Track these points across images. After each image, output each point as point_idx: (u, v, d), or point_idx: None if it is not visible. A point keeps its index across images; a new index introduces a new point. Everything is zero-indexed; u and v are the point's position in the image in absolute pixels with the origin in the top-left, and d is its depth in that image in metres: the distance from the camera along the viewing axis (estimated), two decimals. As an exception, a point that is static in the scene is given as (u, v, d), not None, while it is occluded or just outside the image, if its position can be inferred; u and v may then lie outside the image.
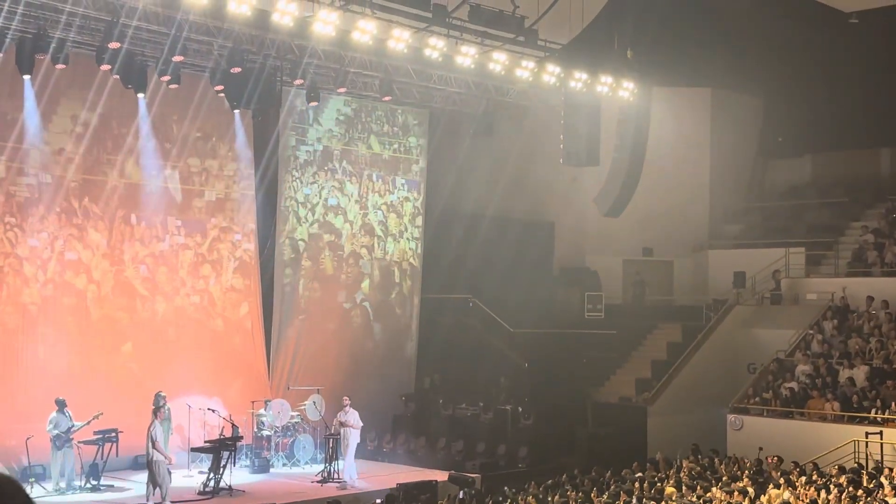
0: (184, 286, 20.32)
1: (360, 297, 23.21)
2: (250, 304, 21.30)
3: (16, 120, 17.88)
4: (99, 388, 18.55)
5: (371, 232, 23.27)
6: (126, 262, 19.46)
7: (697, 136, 27.30)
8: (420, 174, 24.05)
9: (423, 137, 24.26)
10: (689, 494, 15.33)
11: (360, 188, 22.98)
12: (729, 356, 23.50)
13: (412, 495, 16.57)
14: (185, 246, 20.38)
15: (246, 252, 21.28)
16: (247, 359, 21.13)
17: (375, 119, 23.18)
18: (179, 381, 19.54)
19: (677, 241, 27.07)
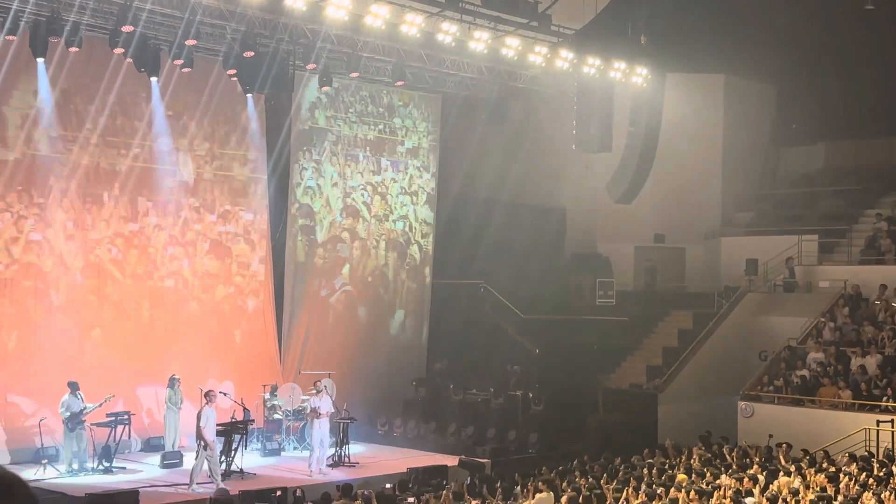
0: (196, 269, 20.37)
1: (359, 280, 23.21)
2: (262, 288, 21.36)
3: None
4: (116, 371, 18.66)
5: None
6: (140, 244, 19.52)
7: (710, 122, 27.18)
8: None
9: (436, 123, 24.23)
10: (699, 481, 15.33)
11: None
12: (740, 344, 23.45)
13: (423, 480, 16.64)
14: (198, 230, 20.41)
15: (258, 236, 21.31)
16: (259, 343, 21.20)
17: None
18: (192, 365, 19.62)
19: (689, 228, 27.00)
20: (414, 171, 23.99)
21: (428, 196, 24.25)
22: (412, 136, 23.91)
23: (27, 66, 17.52)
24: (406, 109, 23.76)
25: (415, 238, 24.11)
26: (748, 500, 13.76)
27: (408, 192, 23.91)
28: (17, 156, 17.81)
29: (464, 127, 23.93)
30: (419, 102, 23.93)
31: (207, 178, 20.53)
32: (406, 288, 23.92)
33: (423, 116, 24.07)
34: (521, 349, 23.33)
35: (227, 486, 15.87)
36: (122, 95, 18.85)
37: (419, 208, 24.19)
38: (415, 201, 24.09)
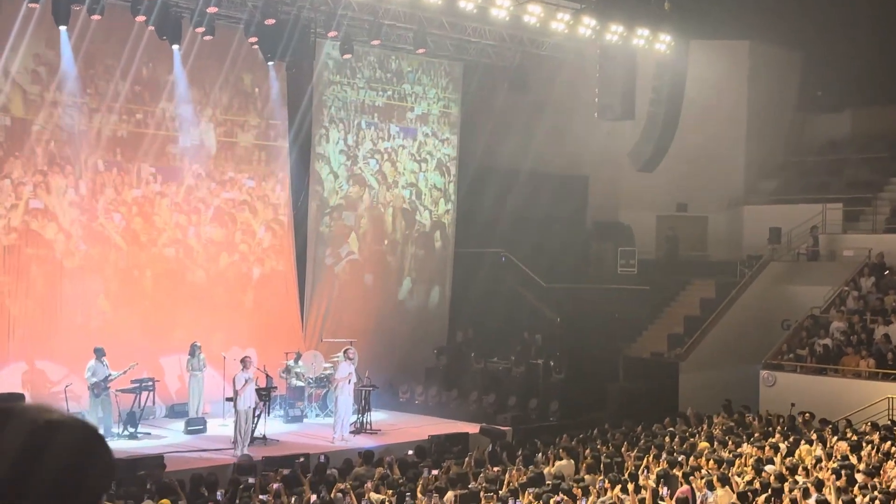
0: (214, 237, 20.45)
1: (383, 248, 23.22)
2: (284, 256, 21.43)
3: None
4: (138, 337, 18.84)
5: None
6: (161, 211, 19.63)
7: (735, 89, 26.90)
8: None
9: (455, 90, 24.10)
10: (721, 449, 15.35)
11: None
12: (763, 312, 23.36)
13: (444, 447, 16.73)
14: (221, 199, 20.47)
15: (280, 204, 21.35)
16: (281, 311, 21.31)
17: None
18: (215, 332, 19.77)
19: (712, 196, 26.82)
20: (423, 137, 23.75)
21: (438, 162, 24.04)
22: (422, 102, 23.62)
23: (49, 34, 17.55)
24: (415, 75, 23.44)
25: (424, 205, 23.91)
26: (769, 468, 13.77)
27: (417, 159, 23.73)
28: (40, 124, 17.86)
29: (485, 95, 23.80)
30: (428, 68, 23.57)
31: (229, 146, 20.55)
32: (413, 255, 23.77)
33: (433, 83, 23.73)
34: (542, 318, 23.34)
35: (250, 452, 16.04)
36: (143, 64, 18.86)
37: (429, 175, 23.96)
38: (424, 168, 23.90)
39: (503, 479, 13.35)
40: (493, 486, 12.86)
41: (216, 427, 18.04)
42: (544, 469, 14.13)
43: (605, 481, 12.71)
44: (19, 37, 17.25)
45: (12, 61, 17.32)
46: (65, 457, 1.71)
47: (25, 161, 17.77)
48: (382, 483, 12.83)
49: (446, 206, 24.26)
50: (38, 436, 1.71)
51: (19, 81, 17.55)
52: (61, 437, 1.72)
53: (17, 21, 17.13)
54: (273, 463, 14.90)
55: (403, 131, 23.42)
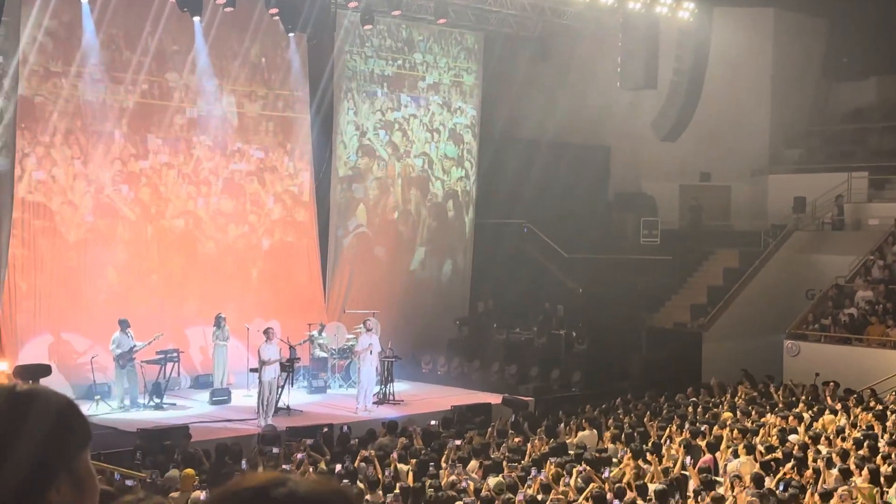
0: (241, 210, 20.52)
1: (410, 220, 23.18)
2: (307, 227, 21.48)
3: (77, 45, 17.99)
4: (164, 309, 18.99)
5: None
6: (183, 182, 19.70)
7: (759, 57, 26.58)
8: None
9: (478, 62, 23.96)
10: (744, 420, 15.32)
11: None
12: (787, 282, 23.23)
13: (466, 417, 16.79)
14: (243, 171, 20.51)
15: (302, 176, 21.37)
16: (303, 282, 21.39)
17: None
18: (239, 304, 19.87)
19: (736, 165, 26.59)
20: (435, 107, 23.61)
21: (451, 132, 23.88)
22: (433, 71, 23.39)
23: (72, 7, 17.58)
24: (426, 45, 23.18)
25: (436, 175, 23.79)
26: (793, 438, 13.74)
27: (430, 128, 23.59)
28: (64, 98, 17.91)
29: (506, 65, 23.66)
30: (440, 37, 23.28)
31: (251, 119, 20.55)
32: (427, 226, 23.69)
33: (444, 52, 23.47)
34: (564, 288, 23.30)
35: (274, 422, 16.16)
36: (164, 36, 18.86)
37: (441, 144, 23.80)
38: (436, 138, 23.76)
39: (525, 450, 13.39)
40: (516, 457, 12.91)
41: (240, 398, 18.18)
42: (567, 439, 14.17)
43: (627, 451, 12.73)
44: (27, 6, 17.24)
45: (22, 33, 17.32)
46: (44, 423, 1.81)
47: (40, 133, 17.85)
48: (406, 453, 12.90)
49: (459, 173, 24.06)
50: (17, 405, 1.80)
51: (27, 53, 17.53)
52: (38, 406, 1.82)
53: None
54: (297, 433, 15.02)
55: (414, 101, 23.20)
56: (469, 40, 23.73)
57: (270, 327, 17.30)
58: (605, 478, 11.33)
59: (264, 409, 16.42)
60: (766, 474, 11.48)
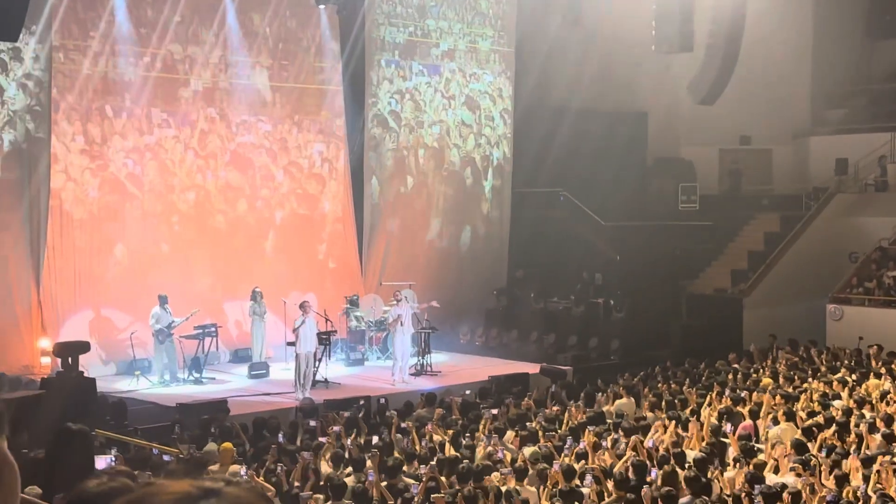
0: (273, 183, 20.53)
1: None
2: (342, 199, 21.45)
3: (100, 17, 17.94)
4: (201, 283, 19.10)
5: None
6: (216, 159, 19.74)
7: (799, 16, 26.01)
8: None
9: (511, 29, 23.68)
10: (787, 385, 15.11)
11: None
12: (829, 245, 22.85)
13: (504, 387, 16.72)
14: (275, 142, 20.50)
15: (337, 148, 21.32)
16: (340, 254, 21.39)
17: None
18: (275, 276, 19.93)
19: (777, 128, 26.13)
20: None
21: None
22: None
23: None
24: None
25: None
26: (836, 404, 13.53)
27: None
28: (99, 71, 17.92)
29: (537, 31, 23.35)
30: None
31: (283, 91, 20.49)
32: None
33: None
34: (602, 256, 23.10)
35: (312, 395, 16.21)
36: (194, 8, 18.82)
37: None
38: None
39: (563, 419, 13.31)
40: (553, 426, 12.83)
41: (279, 371, 18.26)
42: (604, 408, 14.05)
43: (665, 418, 12.60)
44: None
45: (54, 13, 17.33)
46: None
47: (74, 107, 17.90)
48: (442, 423, 12.87)
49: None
50: None
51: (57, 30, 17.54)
52: None
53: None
54: (334, 406, 15.04)
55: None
56: (483, 5, 23.31)
57: (306, 300, 17.32)
58: (644, 446, 11.21)
59: (301, 382, 16.48)
60: (808, 440, 11.31)
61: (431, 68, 22.86)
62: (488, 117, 23.85)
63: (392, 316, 17.94)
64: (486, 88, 23.74)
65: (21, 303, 17.39)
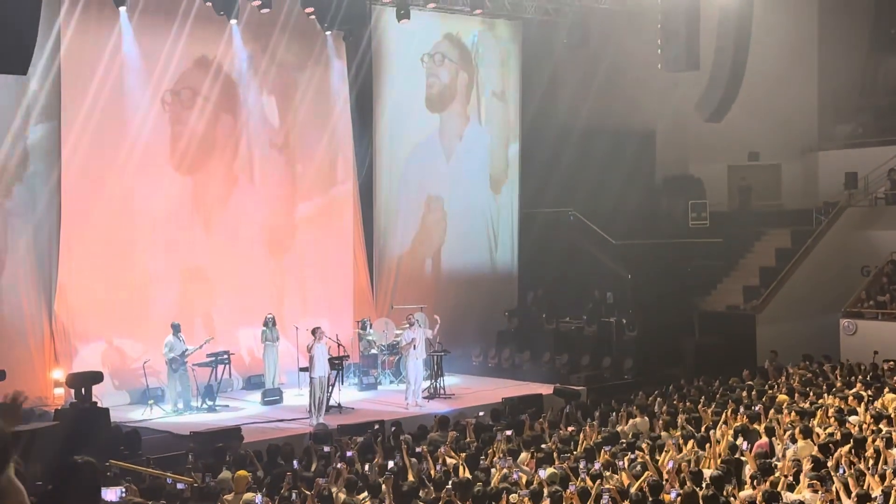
0: (283, 209, 20.55)
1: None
2: (353, 223, 21.46)
3: (108, 41, 18.04)
4: (212, 311, 19.11)
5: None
6: (224, 183, 19.77)
7: (804, 32, 26.06)
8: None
9: (517, 51, 23.77)
10: (802, 401, 15.02)
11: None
12: (841, 260, 22.80)
13: (518, 409, 16.65)
14: (283, 167, 20.54)
15: (345, 174, 21.35)
16: (351, 278, 21.37)
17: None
18: (287, 302, 19.94)
19: (785, 143, 26.13)
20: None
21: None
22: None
23: (110, 15, 17.72)
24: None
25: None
26: (852, 419, 13.44)
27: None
28: (106, 102, 17.98)
29: (543, 52, 23.43)
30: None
31: (290, 116, 20.53)
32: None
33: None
34: (613, 275, 23.06)
35: (325, 420, 16.18)
36: (199, 39, 18.92)
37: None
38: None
39: (577, 440, 13.24)
40: (567, 447, 12.76)
41: (292, 397, 18.25)
42: (619, 428, 13.98)
43: (680, 438, 12.52)
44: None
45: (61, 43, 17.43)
46: None
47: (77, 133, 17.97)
48: (456, 446, 12.82)
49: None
50: None
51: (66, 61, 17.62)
52: None
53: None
54: (348, 431, 15.01)
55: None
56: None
57: (319, 326, 17.33)
58: (660, 465, 11.14)
59: (316, 407, 16.45)
60: (825, 457, 11.22)
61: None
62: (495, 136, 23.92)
63: (405, 339, 17.94)
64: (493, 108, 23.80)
65: (34, 334, 17.43)
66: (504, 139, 23.91)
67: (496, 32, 23.45)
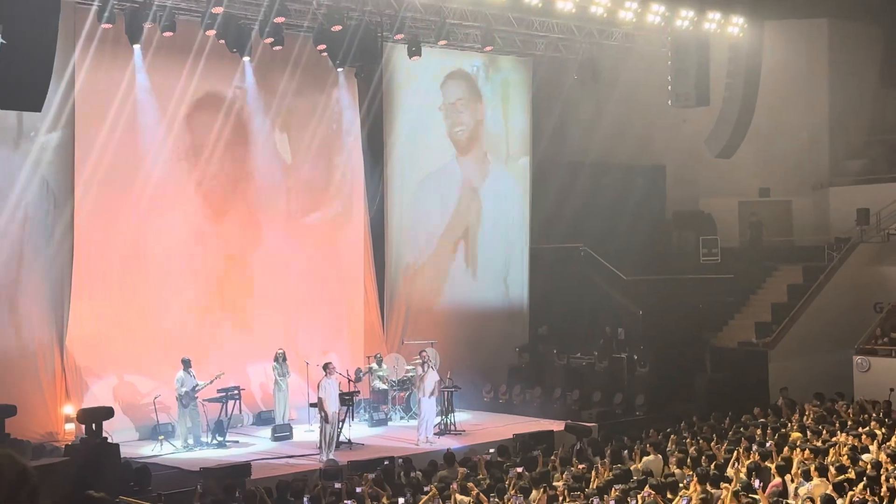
0: (294, 244, 20.60)
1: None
2: (363, 260, 21.48)
3: (122, 77, 18.16)
4: (225, 347, 19.10)
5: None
6: (236, 222, 19.84)
7: (815, 69, 26.16)
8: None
9: (527, 87, 23.90)
10: (815, 439, 14.90)
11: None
12: (854, 296, 22.70)
13: (529, 445, 16.56)
14: (295, 203, 20.61)
15: (356, 210, 21.41)
16: (362, 314, 21.35)
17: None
18: (298, 338, 19.93)
19: (796, 179, 26.14)
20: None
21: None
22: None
23: (125, 53, 17.89)
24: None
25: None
26: (865, 457, 13.31)
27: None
28: (119, 137, 18.08)
29: (553, 87, 23.56)
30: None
31: (302, 153, 20.62)
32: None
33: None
34: (624, 311, 23.02)
35: (335, 457, 16.12)
36: (212, 76, 19.07)
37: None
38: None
39: (589, 477, 13.14)
40: (578, 484, 12.67)
41: (302, 433, 18.19)
42: (631, 465, 13.88)
43: (693, 476, 12.42)
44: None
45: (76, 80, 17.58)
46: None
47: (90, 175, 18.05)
48: (466, 483, 12.73)
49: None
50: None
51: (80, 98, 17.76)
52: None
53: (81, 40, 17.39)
54: (358, 467, 14.94)
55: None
56: (511, 66, 23.54)
57: (330, 362, 17.31)
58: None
59: (326, 443, 16.40)
60: (839, 496, 11.11)
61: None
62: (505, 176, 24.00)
63: (416, 375, 17.91)
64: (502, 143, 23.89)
65: (45, 370, 17.44)
66: (514, 174, 23.96)
67: (506, 68, 23.60)
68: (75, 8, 17.07)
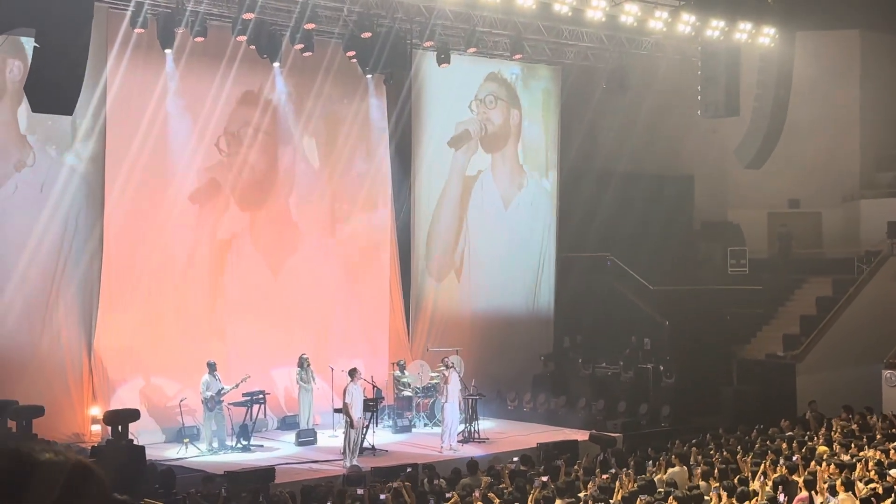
0: (321, 251, 20.65)
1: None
2: (389, 267, 21.51)
3: (155, 84, 18.28)
4: (248, 351, 19.17)
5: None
6: (264, 228, 19.92)
7: (846, 80, 25.95)
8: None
9: (556, 95, 23.86)
10: (842, 453, 14.75)
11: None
12: (883, 309, 22.46)
13: (552, 455, 16.51)
14: (323, 210, 20.68)
15: (383, 215, 21.45)
16: (387, 321, 21.38)
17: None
18: (323, 343, 19.98)
19: (826, 191, 25.92)
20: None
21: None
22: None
23: (157, 59, 18.04)
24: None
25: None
26: (893, 472, 13.16)
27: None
28: (150, 146, 18.24)
29: (581, 96, 23.51)
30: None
31: (331, 160, 20.70)
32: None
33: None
34: (650, 321, 22.90)
35: (359, 463, 16.14)
36: (243, 82, 19.18)
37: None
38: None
39: (613, 488, 13.08)
40: (603, 495, 12.61)
41: (326, 438, 18.23)
42: (656, 476, 13.80)
43: (719, 488, 12.33)
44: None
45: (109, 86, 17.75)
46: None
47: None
48: (490, 491, 12.71)
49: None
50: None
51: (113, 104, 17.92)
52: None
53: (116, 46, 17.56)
54: (381, 473, 14.96)
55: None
56: (541, 74, 23.52)
57: (355, 367, 17.34)
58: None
59: (350, 449, 16.42)
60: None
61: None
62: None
63: (441, 382, 17.90)
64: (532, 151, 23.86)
65: (73, 371, 17.58)
66: (544, 184, 23.92)
67: (536, 76, 23.57)
68: (108, 13, 17.24)
